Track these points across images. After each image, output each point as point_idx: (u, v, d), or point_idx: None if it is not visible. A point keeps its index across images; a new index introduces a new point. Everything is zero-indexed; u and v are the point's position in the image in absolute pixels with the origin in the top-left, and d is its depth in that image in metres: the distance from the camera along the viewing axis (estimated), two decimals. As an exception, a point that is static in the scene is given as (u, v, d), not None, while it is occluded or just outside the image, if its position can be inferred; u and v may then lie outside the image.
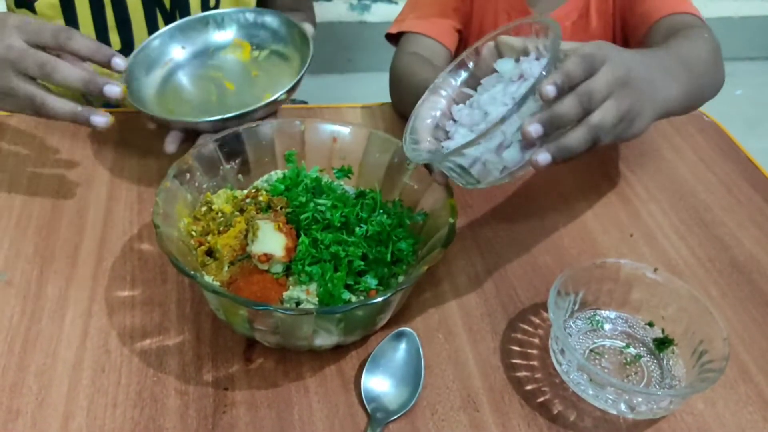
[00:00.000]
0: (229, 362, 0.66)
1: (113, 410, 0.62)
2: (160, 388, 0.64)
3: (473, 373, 0.67)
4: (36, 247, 0.76)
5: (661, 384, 0.67)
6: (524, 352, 0.69)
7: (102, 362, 0.66)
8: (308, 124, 0.78)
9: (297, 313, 0.60)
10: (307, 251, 0.65)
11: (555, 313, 0.65)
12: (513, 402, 0.65)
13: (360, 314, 0.62)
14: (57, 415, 0.61)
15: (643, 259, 0.79)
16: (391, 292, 0.60)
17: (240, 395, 0.64)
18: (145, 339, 0.68)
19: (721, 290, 0.77)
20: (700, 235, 0.84)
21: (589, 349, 0.69)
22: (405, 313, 0.72)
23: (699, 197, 0.90)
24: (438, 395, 0.65)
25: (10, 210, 0.81)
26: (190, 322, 0.70)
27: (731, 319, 0.74)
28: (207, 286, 0.60)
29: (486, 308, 0.73)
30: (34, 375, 0.64)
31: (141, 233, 0.78)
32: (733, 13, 2.69)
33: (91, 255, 0.76)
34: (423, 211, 0.71)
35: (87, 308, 0.70)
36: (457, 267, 0.77)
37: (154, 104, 0.87)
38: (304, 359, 0.67)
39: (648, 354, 0.69)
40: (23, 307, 0.70)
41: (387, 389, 0.64)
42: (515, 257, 0.79)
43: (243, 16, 0.94)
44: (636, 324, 0.71)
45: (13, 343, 0.67)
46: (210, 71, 0.93)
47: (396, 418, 0.62)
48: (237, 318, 0.63)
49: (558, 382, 0.66)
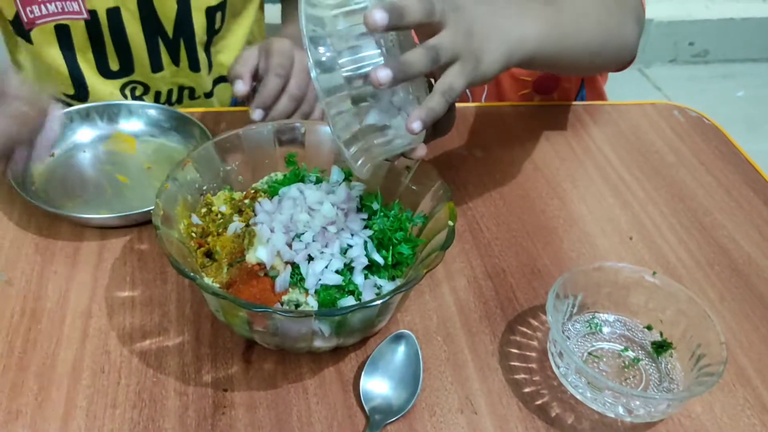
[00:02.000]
0: (228, 363, 0.66)
1: (113, 411, 0.62)
2: (159, 389, 0.64)
3: (472, 375, 0.67)
4: (36, 247, 0.77)
5: (659, 387, 0.67)
6: (523, 354, 0.69)
7: (102, 362, 0.66)
8: (309, 126, 0.78)
9: (296, 315, 0.60)
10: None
11: (553, 316, 0.65)
12: (511, 404, 0.65)
13: (359, 317, 0.62)
14: (56, 416, 0.61)
15: (641, 263, 0.80)
16: (390, 295, 0.60)
17: (239, 396, 0.64)
18: (144, 339, 0.68)
19: (719, 294, 0.77)
20: (699, 239, 0.84)
21: (587, 352, 0.70)
22: (404, 315, 0.72)
23: (698, 200, 0.90)
24: (437, 397, 0.65)
25: (11, 209, 0.81)
26: (189, 322, 0.70)
27: (729, 322, 0.74)
28: (207, 288, 0.60)
29: (485, 311, 0.73)
30: (34, 375, 0.64)
31: (141, 234, 0.79)
32: (735, 15, 2.69)
33: (91, 255, 0.76)
34: (423, 213, 0.71)
35: (87, 308, 0.70)
36: (456, 269, 0.77)
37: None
38: (303, 361, 0.67)
39: (646, 357, 0.69)
40: (23, 307, 0.70)
41: (386, 391, 0.64)
42: (514, 260, 0.79)
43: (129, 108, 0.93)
44: (634, 327, 0.71)
45: (13, 343, 0.67)
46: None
47: (394, 420, 0.62)
48: (236, 320, 0.63)
49: (556, 385, 0.66)
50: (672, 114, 1.05)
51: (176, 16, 1.03)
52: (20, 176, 0.81)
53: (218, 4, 1.05)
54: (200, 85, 1.14)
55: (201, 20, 1.06)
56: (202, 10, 1.05)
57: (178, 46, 1.07)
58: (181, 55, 1.08)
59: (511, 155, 0.96)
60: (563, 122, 1.03)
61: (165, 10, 1.02)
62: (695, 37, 2.70)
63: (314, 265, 0.65)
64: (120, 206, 0.80)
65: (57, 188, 0.84)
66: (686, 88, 2.63)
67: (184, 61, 1.09)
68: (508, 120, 1.03)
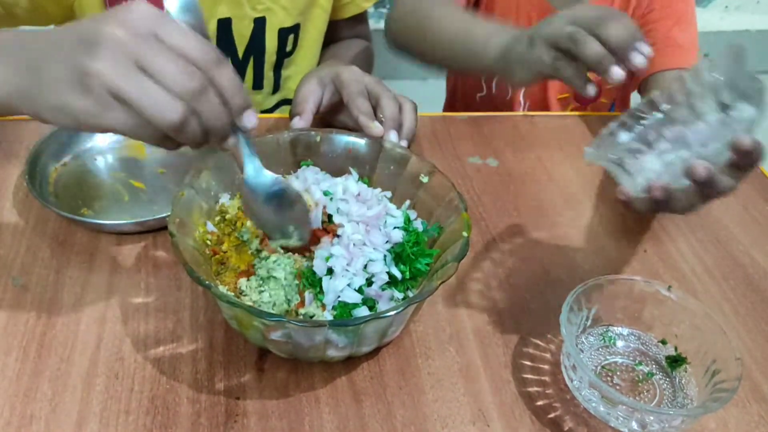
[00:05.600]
0: (241, 371, 0.67)
1: (126, 417, 0.62)
2: (172, 396, 0.64)
3: (484, 387, 0.67)
4: (52, 252, 0.77)
5: (672, 403, 0.66)
6: (536, 367, 0.69)
7: (116, 369, 0.66)
8: (324, 135, 0.78)
9: (310, 325, 0.60)
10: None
11: (567, 329, 0.65)
12: (524, 417, 0.65)
13: (372, 327, 0.62)
14: (70, 421, 0.62)
15: (656, 276, 0.79)
16: (404, 305, 0.60)
17: (251, 405, 0.64)
18: (158, 346, 0.68)
19: (734, 308, 0.77)
20: (714, 253, 0.83)
21: (600, 365, 0.69)
22: (417, 325, 0.72)
23: (714, 214, 0.89)
24: (449, 408, 0.65)
25: (28, 214, 0.81)
26: (203, 330, 0.70)
27: (744, 338, 0.73)
28: (222, 297, 0.60)
29: (498, 322, 0.73)
30: (49, 380, 0.65)
31: (156, 240, 0.79)
32: (749, 27, 2.68)
33: (106, 261, 0.76)
34: (438, 225, 0.71)
35: (102, 314, 0.71)
36: (469, 280, 0.77)
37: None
38: (315, 370, 0.67)
39: (660, 372, 0.69)
40: (39, 312, 0.71)
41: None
42: (528, 271, 0.79)
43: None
44: (649, 341, 0.71)
45: (28, 347, 0.67)
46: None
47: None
48: (250, 329, 0.63)
49: (569, 399, 0.66)
50: (687, 126, 1.05)
51: (251, 36, 1.05)
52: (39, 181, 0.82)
53: (291, 27, 1.08)
54: (258, 103, 1.16)
55: (273, 41, 1.08)
56: (275, 30, 1.07)
57: (246, 65, 1.09)
58: (247, 74, 1.10)
59: (526, 166, 0.96)
60: (579, 133, 1.03)
61: (241, 29, 1.05)
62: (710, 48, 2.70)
63: (335, 282, 0.64)
64: (139, 212, 0.81)
65: (74, 194, 0.85)
66: (700, 99, 2.62)
67: (249, 81, 1.12)
68: (522, 130, 1.03)
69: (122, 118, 0.51)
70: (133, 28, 0.51)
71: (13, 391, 0.64)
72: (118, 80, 0.50)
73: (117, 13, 0.52)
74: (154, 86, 0.50)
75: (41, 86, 0.53)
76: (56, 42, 0.54)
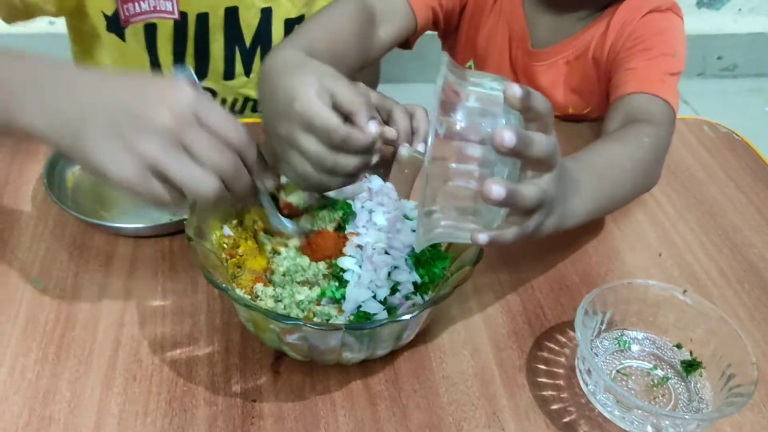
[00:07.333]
0: (257, 374, 0.67)
1: (144, 419, 0.63)
2: (189, 398, 0.65)
3: (499, 391, 0.67)
4: (71, 255, 0.78)
5: (688, 407, 0.66)
6: (550, 371, 0.69)
7: (133, 371, 0.67)
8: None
9: (326, 328, 0.60)
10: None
11: (582, 333, 0.65)
12: (538, 421, 0.65)
13: (387, 330, 0.62)
14: (89, 423, 0.62)
15: (671, 280, 0.79)
16: (420, 309, 0.60)
17: (268, 407, 0.64)
18: (175, 349, 0.69)
19: (749, 312, 0.76)
20: (729, 256, 0.83)
21: (616, 369, 0.69)
22: (431, 328, 0.72)
23: (728, 217, 0.89)
24: (464, 412, 0.65)
25: (47, 217, 0.82)
26: (219, 332, 0.71)
27: (760, 342, 0.73)
28: (239, 300, 0.60)
29: (512, 326, 0.73)
30: (68, 382, 0.65)
31: (173, 243, 0.80)
32: (764, 29, 2.66)
33: (124, 264, 0.77)
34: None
35: (120, 317, 0.72)
36: (483, 284, 0.78)
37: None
38: (331, 373, 0.67)
39: (675, 376, 0.69)
40: (57, 315, 0.71)
41: (413, 405, 0.64)
42: (542, 275, 0.79)
43: None
44: (664, 345, 0.71)
45: (47, 349, 0.68)
46: None
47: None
48: (267, 332, 0.63)
49: (584, 403, 0.66)
50: (702, 129, 1.05)
51: (258, 26, 1.06)
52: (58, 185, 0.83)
53: (297, 18, 1.08)
54: None
55: (279, 31, 1.08)
56: (282, 21, 1.07)
57: (253, 56, 1.09)
58: (254, 66, 1.10)
59: (539, 170, 0.95)
60: (593, 137, 1.02)
61: (248, 19, 1.05)
62: (724, 51, 2.68)
63: (358, 293, 0.64)
64: (156, 216, 0.81)
65: (92, 197, 0.85)
66: (714, 102, 2.60)
67: (256, 72, 1.11)
68: (536, 134, 1.03)
69: (158, 190, 0.57)
70: (179, 111, 0.57)
71: (32, 393, 0.64)
72: (163, 160, 0.56)
73: (165, 95, 0.58)
74: (194, 165, 0.57)
75: (84, 143, 0.57)
76: (104, 107, 0.58)
